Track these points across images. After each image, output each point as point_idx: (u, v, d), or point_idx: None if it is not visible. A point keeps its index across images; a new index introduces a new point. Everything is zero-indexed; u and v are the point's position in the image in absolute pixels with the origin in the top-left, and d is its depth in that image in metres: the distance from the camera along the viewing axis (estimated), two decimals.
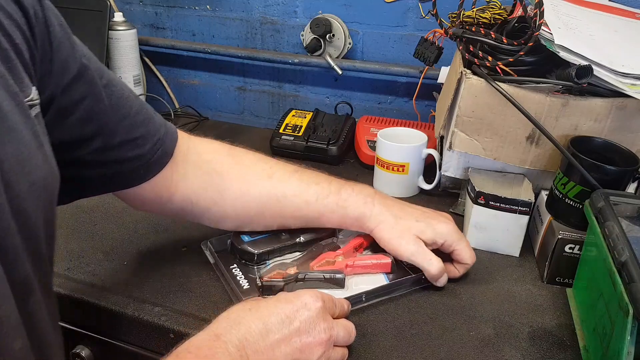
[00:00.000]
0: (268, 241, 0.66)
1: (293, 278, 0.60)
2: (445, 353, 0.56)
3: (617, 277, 0.48)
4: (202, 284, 0.65)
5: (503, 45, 0.70)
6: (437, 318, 0.61)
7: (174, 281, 0.65)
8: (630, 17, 0.82)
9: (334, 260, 0.64)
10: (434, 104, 1.02)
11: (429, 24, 1.04)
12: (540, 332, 0.59)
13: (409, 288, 0.65)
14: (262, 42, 1.22)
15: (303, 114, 1.10)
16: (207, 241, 0.68)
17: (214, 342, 0.45)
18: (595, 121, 0.69)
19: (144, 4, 1.28)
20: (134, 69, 1.18)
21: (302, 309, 0.49)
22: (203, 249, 0.68)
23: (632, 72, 0.65)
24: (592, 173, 0.62)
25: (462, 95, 0.72)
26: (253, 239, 0.67)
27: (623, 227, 0.52)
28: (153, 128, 0.57)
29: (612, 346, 0.48)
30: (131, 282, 0.65)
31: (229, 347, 0.44)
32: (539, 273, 0.69)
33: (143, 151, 0.56)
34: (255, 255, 0.65)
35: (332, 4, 1.12)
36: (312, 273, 0.62)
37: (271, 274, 0.62)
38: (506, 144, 0.74)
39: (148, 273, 0.67)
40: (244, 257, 0.65)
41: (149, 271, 0.67)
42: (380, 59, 1.13)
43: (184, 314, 0.60)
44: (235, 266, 0.65)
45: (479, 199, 0.71)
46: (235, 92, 1.31)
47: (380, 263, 0.65)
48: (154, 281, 0.65)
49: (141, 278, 0.66)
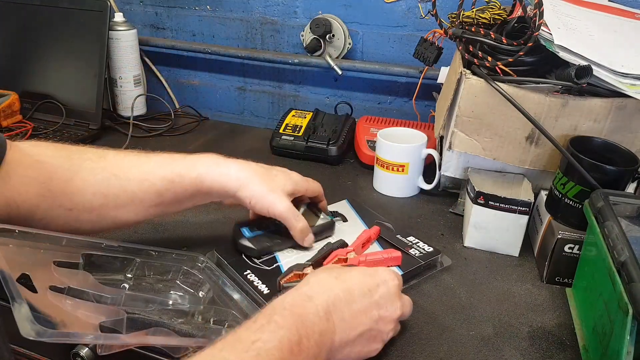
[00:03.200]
0: (267, 236, 0.68)
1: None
2: (445, 353, 0.56)
3: (617, 277, 0.48)
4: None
5: (503, 46, 0.71)
6: (437, 318, 0.61)
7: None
8: (630, 17, 0.82)
9: (346, 257, 0.64)
10: (433, 104, 1.02)
11: (428, 24, 1.04)
12: (539, 332, 0.59)
13: (422, 276, 0.67)
14: (262, 42, 1.22)
15: (303, 114, 1.10)
16: (213, 251, 0.68)
17: (306, 302, 0.48)
18: (595, 121, 0.69)
19: (144, 4, 1.29)
20: (134, 69, 1.18)
21: (382, 285, 0.52)
22: (208, 261, 0.64)
23: (631, 72, 0.65)
24: (592, 173, 0.62)
25: (462, 95, 0.72)
26: (253, 234, 0.68)
27: (623, 227, 0.52)
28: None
29: (612, 346, 0.48)
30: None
31: (318, 310, 0.47)
32: (538, 273, 0.69)
33: None
34: (256, 251, 0.65)
35: (332, 4, 1.12)
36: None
37: (289, 275, 0.61)
38: (506, 144, 0.74)
39: None
40: (245, 253, 0.66)
41: None
42: (380, 59, 1.13)
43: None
44: (248, 272, 0.64)
45: (478, 199, 0.71)
46: (235, 92, 1.31)
47: (392, 257, 0.65)
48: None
49: None
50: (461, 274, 0.69)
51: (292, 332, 0.44)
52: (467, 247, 0.75)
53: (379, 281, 0.52)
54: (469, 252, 0.74)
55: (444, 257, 0.70)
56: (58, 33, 1.15)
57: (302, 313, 0.46)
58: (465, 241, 0.75)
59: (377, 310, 0.51)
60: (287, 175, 0.68)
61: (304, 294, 0.49)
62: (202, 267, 0.62)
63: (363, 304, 0.50)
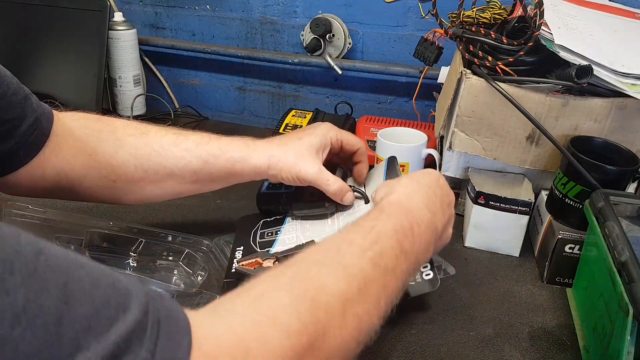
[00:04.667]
0: (274, 197, 0.69)
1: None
2: (445, 353, 0.56)
3: (617, 277, 0.48)
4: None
5: (503, 45, 0.70)
6: (437, 318, 0.61)
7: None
8: (630, 17, 0.82)
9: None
10: (434, 104, 1.01)
11: (429, 24, 1.04)
12: (540, 332, 0.59)
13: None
14: (262, 42, 1.22)
15: (303, 114, 1.09)
16: (219, 237, 0.67)
17: (409, 199, 0.52)
18: (595, 121, 0.69)
19: (144, 4, 1.28)
20: (134, 68, 1.18)
21: (440, 177, 0.58)
22: (214, 245, 0.65)
23: (632, 72, 0.65)
24: (592, 173, 0.62)
25: (462, 95, 0.72)
26: (267, 191, 0.70)
27: (623, 227, 0.52)
28: (30, 109, 0.56)
29: (612, 346, 0.48)
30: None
31: (419, 204, 0.52)
32: (539, 273, 0.69)
33: (20, 132, 0.55)
34: (259, 207, 0.67)
35: (332, 4, 1.12)
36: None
37: (250, 261, 0.60)
38: (506, 144, 0.73)
39: None
40: (257, 204, 0.68)
41: None
42: (380, 59, 1.13)
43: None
44: (240, 249, 0.64)
45: (479, 199, 0.71)
46: (235, 92, 1.31)
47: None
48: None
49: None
50: (461, 274, 0.68)
51: (403, 221, 0.48)
52: (467, 247, 0.75)
53: (437, 174, 0.58)
54: (469, 252, 0.74)
55: (448, 266, 0.68)
56: (58, 33, 1.15)
57: (408, 206, 0.51)
58: (466, 241, 0.75)
59: (448, 197, 0.57)
60: (314, 129, 0.66)
61: (402, 194, 0.53)
62: (206, 251, 0.63)
63: (442, 194, 0.56)
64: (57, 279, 0.27)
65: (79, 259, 0.29)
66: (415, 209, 0.51)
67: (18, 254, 0.26)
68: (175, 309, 0.32)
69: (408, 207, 0.51)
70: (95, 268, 0.30)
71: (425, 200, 0.53)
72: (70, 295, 0.27)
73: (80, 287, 0.27)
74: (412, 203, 0.51)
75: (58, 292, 0.26)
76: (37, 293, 0.25)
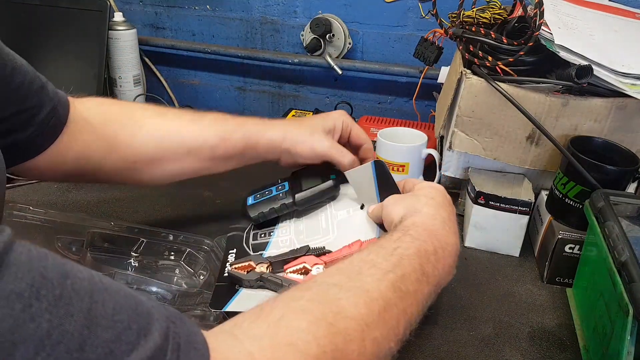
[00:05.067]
0: (265, 203, 0.68)
1: (255, 277, 0.57)
2: (445, 353, 0.56)
3: (617, 277, 0.48)
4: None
5: (503, 45, 0.70)
6: (437, 318, 0.61)
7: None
8: (630, 17, 0.82)
9: (311, 268, 0.58)
10: (434, 104, 1.01)
11: (429, 24, 1.04)
12: (540, 332, 0.59)
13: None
14: (262, 42, 1.22)
15: (303, 114, 1.10)
16: (221, 237, 0.67)
17: (433, 220, 0.52)
18: (595, 121, 0.69)
19: (144, 4, 1.28)
20: (134, 69, 1.18)
21: (445, 192, 0.57)
22: (216, 245, 0.65)
23: (632, 72, 0.65)
24: (592, 173, 0.62)
25: (462, 95, 0.72)
26: (255, 201, 0.68)
27: (623, 227, 0.52)
28: (47, 97, 0.57)
29: (612, 346, 0.48)
30: None
31: (444, 225, 0.52)
32: (539, 273, 0.69)
33: (38, 120, 0.55)
34: (252, 219, 0.67)
35: (332, 4, 1.12)
36: (275, 277, 0.57)
37: (243, 264, 0.59)
38: (506, 144, 0.73)
39: None
40: (249, 220, 0.67)
41: None
42: (380, 59, 1.13)
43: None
44: (233, 251, 0.64)
45: (479, 199, 0.71)
46: (235, 92, 1.31)
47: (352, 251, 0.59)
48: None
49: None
50: (461, 274, 0.68)
51: (427, 244, 0.48)
52: (467, 247, 0.74)
53: (443, 190, 0.58)
54: (469, 252, 0.74)
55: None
56: (58, 33, 1.15)
57: (432, 229, 0.51)
58: (466, 241, 0.75)
59: (455, 213, 0.56)
60: (327, 114, 0.70)
61: (427, 215, 0.52)
62: (208, 250, 0.64)
63: (451, 211, 0.56)
64: (81, 304, 0.27)
65: (102, 280, 0.30)
66: (440, 232, 0.51)
67: (44, 279, 0.26)
68: (194, 333, 0.32)
69: (432, 230, 0.50)
70: (119, 290, 0.30)
71: (449, 222, 0.53)
72: (93, 321, 0.27)
73: (104, 312, 0.28)
74: (436, 225, 0.51)
75: (82, 317, 0.26)
76: (61, 318, 0.26)
